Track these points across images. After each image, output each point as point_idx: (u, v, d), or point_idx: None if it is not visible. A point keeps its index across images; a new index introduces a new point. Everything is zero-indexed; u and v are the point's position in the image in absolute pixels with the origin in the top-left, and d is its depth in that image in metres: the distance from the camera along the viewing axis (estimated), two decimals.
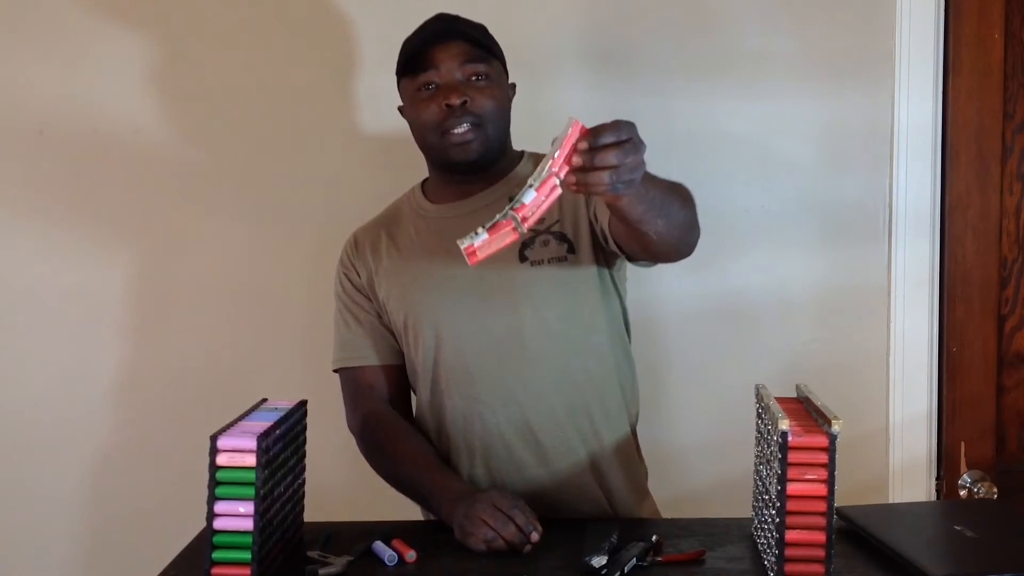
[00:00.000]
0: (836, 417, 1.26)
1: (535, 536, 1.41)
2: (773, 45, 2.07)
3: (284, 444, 1.39)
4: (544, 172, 1.22)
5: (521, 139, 1.74)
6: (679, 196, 1.47)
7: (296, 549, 1.44)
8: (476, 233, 1.23)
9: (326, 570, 1.33)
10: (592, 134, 1.21)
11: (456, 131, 1.60)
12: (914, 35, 2.04)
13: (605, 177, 1.21)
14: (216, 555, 1.27)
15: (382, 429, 1.69)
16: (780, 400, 1.41)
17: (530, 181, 1.22)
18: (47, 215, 2.09)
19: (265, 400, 1.47)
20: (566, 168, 1.22)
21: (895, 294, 2.06)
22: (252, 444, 1.27)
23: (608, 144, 1.21)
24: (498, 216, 1.23)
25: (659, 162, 1.77)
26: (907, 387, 2.06)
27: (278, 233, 2.09)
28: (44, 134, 2.08)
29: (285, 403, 1.46)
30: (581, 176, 1.22)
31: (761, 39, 2.07)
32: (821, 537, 1.25)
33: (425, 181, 1.78)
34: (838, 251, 2.08)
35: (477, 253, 1.23)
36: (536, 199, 1.22)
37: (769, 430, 1.34)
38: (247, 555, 1.27)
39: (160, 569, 1.36)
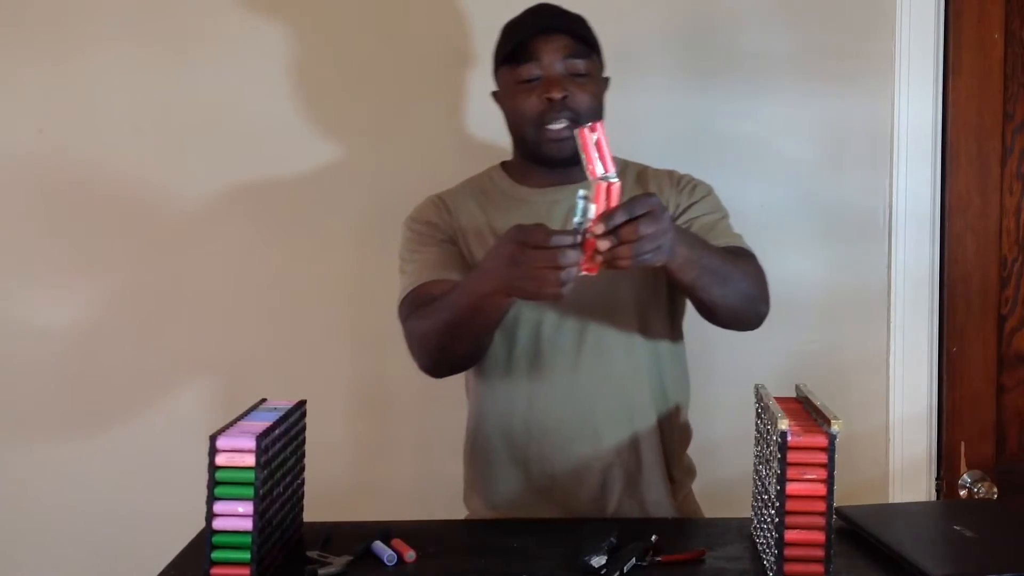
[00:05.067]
0: (836, 417, 1.26)
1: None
2: (773, 45, 2.07)
3: (283, 444, 1.39)
4: (592, 184, 1.28)
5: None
6: (741, 269, 1.54)
7: (295, 549, 1.43)
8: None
9: (325, 570, 1.32)
10: (604, 218, 1.27)
11: (553, 127, 1.61)
12: (914, 35, 2.04)
13: (626, 251, 1.27)
14: (215, 555, 1.27)
15: (424, 310, 1.58)
16: (780, 400, 1.40)
17: (582, 195, 1.28)
18: (47, 215, 2.09)
19: (264, 400, 1.47)
20: (604, 167, 1.28)
21: (895, 294, 2.06)
22: (251, 444, 1.26)
23: (623, 222, 1.27)
24: (579, 238, 1.28)
25: (659, 162, 1.78)
26: (907, 387, 2.06)
27: (278, 233, 2.09)
28: (44, 133, 2.08)
29: (284, 403, 1.46)
30: (607, 254, 1.27)
31: (761, 39, 2.07)
32: (820, 537, 1.25)
33: (505, 163, 1.77)
34: (838, 251, 2.08)
35: (589, 269, 1.30)
36: (599, 208, 1.28)
37: (769, 430, 1.34)
38: (246, 555, 1.26)
39: (160, 569, 1.36)
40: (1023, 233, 2.06)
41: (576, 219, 1.28)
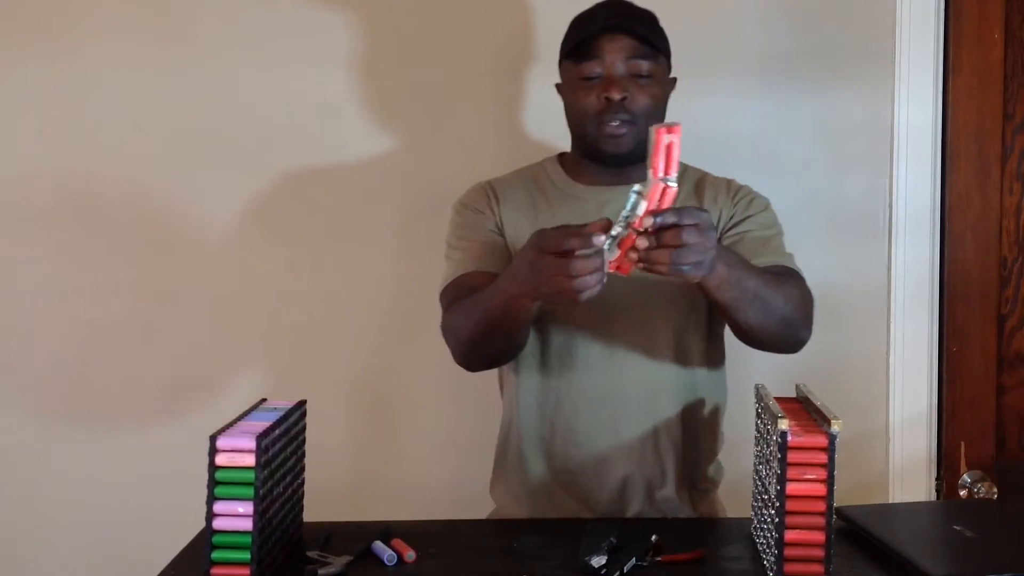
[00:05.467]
0: (836, 417, 1.26)
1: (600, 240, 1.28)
2: (773, 45, 2.07)
3: (283, 444, 1.39)
4: (649, 182, 1.26)
5: (519, 134, 1.73)
6: (783, 293, 1.51)
7: (296, 549, 1.43)
8: (607, 245, 1.27)
9: (325, 570, 1.32)
10: (655, 214, 1.25)
11: (611, 124, 1.61)
12: (914, 35, 2.04)
13: (665, 256, 1.26)
14: (215, 555, 1.27)
15: (460, 304, 1.59)
16: (780, 400, 1.40)
17: (637, 190, 1.26)
18: (47, 214, 2.09)
19: (265, 400, 1.47)
20: (666, 170, 1.25)
21: (895, 294, 2.06)
22: (251, 444, 1.26)
23: (669, 225, 1.25)
24: (619, 231, 1.26)
25: None
26: (907, 387, 2.06)
27: (278, 232, 2.09)
28: (44, 134, 2.08)
29: (285, 403, 1.46)
30: (644, 253, 1.26)
31: (761, 39, 2.07)
32: (820, 537, 1.25)
33: (562, 155, 1.76)
34: (838, 251, 2.08)
35: (620, 268, 1.29)
36: (649, 209, 1.26)
37: (769, 430, 1.34)
38: (246, 555, 1.26)
39: (160, 569, 1.36)
40: (1023, 233, 2.06)
41: (625, 212, 1.26)
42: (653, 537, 1.38)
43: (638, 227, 1.26)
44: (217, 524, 1.27)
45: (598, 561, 1.31)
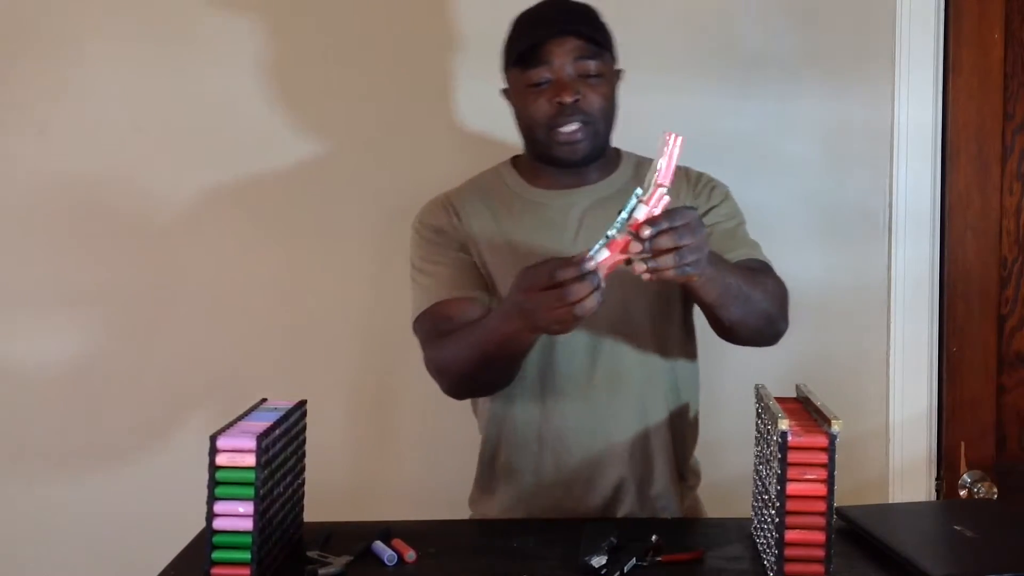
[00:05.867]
0: (836, 417, 1.26)
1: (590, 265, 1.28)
2: (773, 45, 2.07)
3: (284, 444, 1.39)
4: (650, 185, 1.27)
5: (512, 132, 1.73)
6: (761, 288, 1.53)
7: (296, 549, 1.43)
8: (595, 248, 1.27)
9: (326, 570, 1.32)
10: (647, 224, 1.26)
11: (565, 129, 1.59)
12: (914, 35, 2.04)
13: (670, 260, 1.26)
14: (216, 555, 1.27)
15: (449, 337, 1.58)
16: (780, 400, 1.40)
17: (638, 193, 1.27)
18: (47, 214, 2.09)
19: (265, 400, 1.47)
20: (671, 177, 1.27)
21: (895, 294, 2.06)
22: (252, 444, 1.26)
23: (664, 229, 1.26)
24: (614, 232, 1.27)
25: None
26: (907, 387, 2.06)
27: (279, 233, 2.09)
28: (44, 134, 2.08)
29: (285, 403, 1.46)
30: (650, 263, 1.27)
31: (761, 39, 2.07)
32: (821, 537, 1.25)
33: (516, 158, 1.74)
34: (838, 251, 2.08)
35: (599, 270, 1.27)
36: (649, 212, 1.27)
37: (769, 430, 1.34)
38: (247, 555, 1.26)
39: (160, 569, 1.36)
40: (1023, 233, 2.06)
41: (623, 215, 1.27)
42: (653, 537, 1.38)
43: (635, 229, 1.26)
44: (217, 524, 1.27)
45: (598, 561, 1.31)
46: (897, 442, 2.07)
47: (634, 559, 1.33)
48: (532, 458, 1.65)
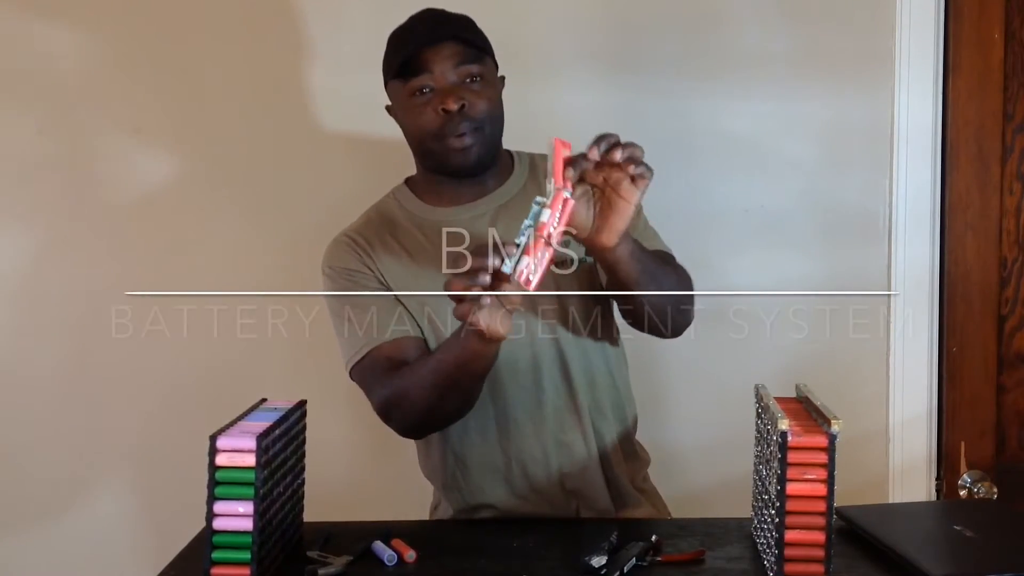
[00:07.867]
0: (836, 417, 1.26)
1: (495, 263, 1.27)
2: (773, 45, 2.07)
3: (284, 444, 1.39)
4: (551, 189, 1.28)
5: (515, 139, 1.73)
6: (675, 272, 1.57)
7: (296, 549, 1.43)
8: (512, 258, 1.26)
9: (326, 570, 1.32)
10: (596, 143, 1.29)
11: (455, 137, 1.57)
12: (914, 35, 2.04)
13: (626, 169, 1.30)
14: (215, 555, 1.27)
15: (401, 373, 1.57)
16: (780, 400, 1.40)
17: (539, 200, 1.28)
18: (47, 214, 2.09)
19: (265, 400, 1.47)
20: (567, 182, 1.29)
21: (895, 294, 2.06)
22: (251, 444, 1.26)
23: (613, 143, 1.30)
24: (524, 239, 1.27)
25: (658, 162, 1.77)
26: (907, 387, 2.06)
27: (278, 232, 2.09)
28: (44, 134, 2.08)
29: (285, 403, 1.46)
30: (613, 180, 1.31)
31: (761, 39, 2.07)
32: (821, 537, 1.25)
33: (410, 180, 1.73)
34: (838, 251, 2.08)
35: (531, 280, 1.27)
36: (552, 216, 1.28)
37: (769, 430, 1.34)
38: (246, 555, 1.26)
39: (160, 569, 1.36)
40: (1023, 233, 2.06)
41: (527, 222, 1.27)
42: (653, 537, 1.38)
43: (541, 233, 1.27)
44: (217, 524, 1.27)
45: (598, 561, 1.31)
46: (897, 442, 2.07)
47: (634, 559, 1.33)
48: (501, 476, 1.65)
